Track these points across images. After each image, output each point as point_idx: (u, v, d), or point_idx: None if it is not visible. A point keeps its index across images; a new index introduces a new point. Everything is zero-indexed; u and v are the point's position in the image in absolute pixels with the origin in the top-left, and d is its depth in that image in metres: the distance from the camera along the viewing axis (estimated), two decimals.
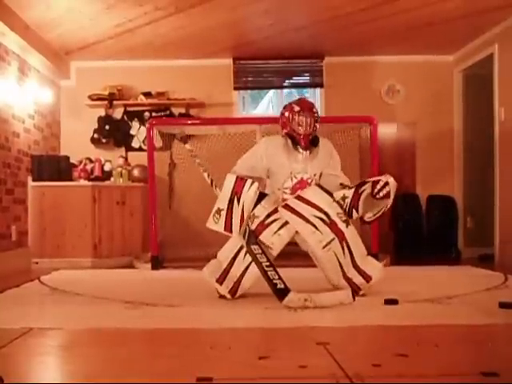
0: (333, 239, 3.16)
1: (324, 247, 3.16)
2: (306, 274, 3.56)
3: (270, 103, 7.46)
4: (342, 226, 3.18)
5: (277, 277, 3.03)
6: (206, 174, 3.60)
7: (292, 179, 3.35)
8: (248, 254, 3.17)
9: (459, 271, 4.78)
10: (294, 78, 6.57)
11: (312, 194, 3.25)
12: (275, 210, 3.21)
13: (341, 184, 3.41)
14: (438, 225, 6.12)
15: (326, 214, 3.17)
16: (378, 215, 3.31)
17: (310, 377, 1.80)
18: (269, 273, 3.05)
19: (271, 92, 7.12)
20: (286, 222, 3.18)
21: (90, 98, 6.32)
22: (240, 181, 3.22)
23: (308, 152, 3.34)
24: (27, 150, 5.43)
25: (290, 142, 3.34)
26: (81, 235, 5.40)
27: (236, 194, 3.19)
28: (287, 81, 6.58)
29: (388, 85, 6.49)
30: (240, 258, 3.21)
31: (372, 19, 5.14)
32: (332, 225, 3.16)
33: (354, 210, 3.27)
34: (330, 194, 3.30)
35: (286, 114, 3.37)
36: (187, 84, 6.39)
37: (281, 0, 4.76)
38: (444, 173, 6.41)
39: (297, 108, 3.35)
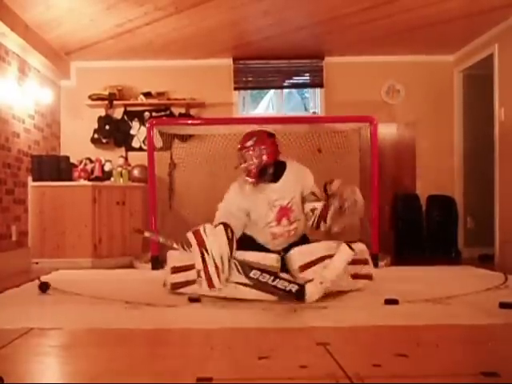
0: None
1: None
2: None
3: (269, 103, 7.47)
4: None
5: (286, 283, 3.01)
6: (175, 245, 3.48)
7: (272, 209, 3.36)
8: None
9: (459, 271, 4.78)
10: (294, 77, 6.56)
11: (302, 257, 3.13)
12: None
13: (313, 194, 3.42)
14: (438, 225, 6.13)
15: (326, 257, 3.11)
16: (342, 227, 3.26)
17: (310, 377, 1.80)
18: (278, 285, 3.01)
19: (271, 92, 7.12)
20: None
21: (90, 98, 6.32)
22: (196, 232, 3.06)
23: (274, 180, 3.38)
24: (27, 150, 5.43)
25: (245, 179, 3.38)
26: (81, 235, 5.40)
27: (200, 246, 3.02)
28: (287, 81, 6.58)
29: (388, 85, 6.49)
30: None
31: (372, 19, 5.14)
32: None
33: (322, 222, 3.27)
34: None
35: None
36: (187, 84, 6.39)
37: (281, 0, 4.76)
38: (444, 173, 6.41)
39: (238, 146, 3.42)
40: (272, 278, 3.03)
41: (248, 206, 3.39)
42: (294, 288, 3.00)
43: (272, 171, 3.42)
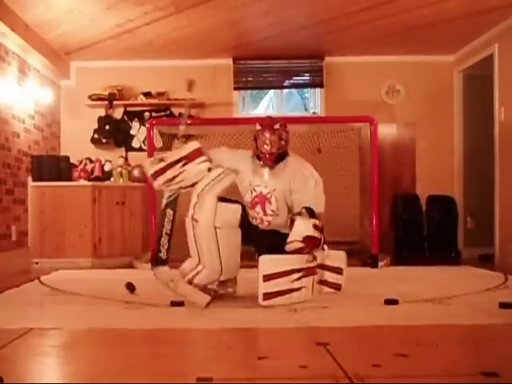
0: (313, 280, 3.15)
1: (312, 292, 3.14)
2: None
3: (269, 103, 7.46)
4: (311, 264, 3.13)
5: (166, 247, 3.10)
6: (183, 127, 3.61)
7: (252, 192, 3.32)
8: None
9: (459, 271, 4.79)
10: (294, 77, 6.56)
11: (273, 263, 3.06)
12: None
13: (304, 207, 3.21)
14: (438, 225, 6.12)
15: (297, 270, 3.07)
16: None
17: (310, 377, 1.80)
18: (162, 239, 3.12)
19: (271, 92, 7.12)
20: (209, 191, 3.15)
21: (90, 98, 6.32)
22: (198, 151, 3.20)
23: (269, 167, 3.31)
24: (27, 150, 5.43)
25: (257, 160, 3.34)
26: (81, 235, 5.40)
27: (187, 158, 3.16)
28: (287, 81, 6.57)
29: (388, 85, 6.49)
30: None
31: (372, 19, 5.14)
32: (307, 271, 3.11)
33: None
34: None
35: (254, 133, 3.40)
36: (187, 84, 6.39)
37: (281, 0, 4.76)
38: (444, 173, 6.40)
39: (258, 127, 3.36)
40: (168, 232, 3.14)
41: (236, 179, 3.33)
42: (161, 255, 3.16)
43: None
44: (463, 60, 6.30)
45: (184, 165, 3.15)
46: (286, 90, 6.86)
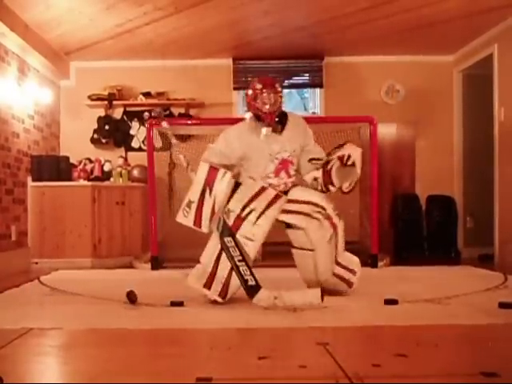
0: (332, 233, 3.21)
1: (328, 241, 3.19)
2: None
3: None
4: (336, 219, 3.22)
5: (248, 272, 2.97)
6: (181, 156, 3.56)
7: (273, 161, 3.27)
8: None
9: (459, 271, 4.78)
10: (294, 78, 6.57)
11: (301, 193, 3.26)
12: (250, 201, 3.11)
13: (310, 159, 3.39)
14: (437, 225, 6.12)
15: (323, 208, 3.19)
16: (352, 184, 3.36)
17: (310, 377, 1.80)
18: (240, 268, 2.98)
19: None
20: (264, 211, 3.10)
21: (90, 98, 6.32)
22: (213, 170, 3.11)
23: (277, 131, 3.28)
24: (27, 150, 5.43)
25: (258, 123, 3.26)
26: (81, 235, 5.40)
27: (208, 184, 3.08)
28: (287, 81, 6.57)
29: (388, 85, 6.49)
30: (224, 258, 3.06)
31: (372, 19, 5.14)
32: (329, 219, 3.20)
33: (330, 186, 3.32)
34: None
35: (250, 92, 3.31)
36: (187, 84, 6.39)
37: (281, 0, 4.76)
38: (444, 173, 6.40)
39: (259, 86, 3.27)
40: (240, 258, 2.99)
41: (246, 151, 3.26)
42: (251, 282, 2.95)
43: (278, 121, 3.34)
44: (463, 60, 6.30)
45: (210, 191, 3.08)
46: (285, 90, 6.84)
